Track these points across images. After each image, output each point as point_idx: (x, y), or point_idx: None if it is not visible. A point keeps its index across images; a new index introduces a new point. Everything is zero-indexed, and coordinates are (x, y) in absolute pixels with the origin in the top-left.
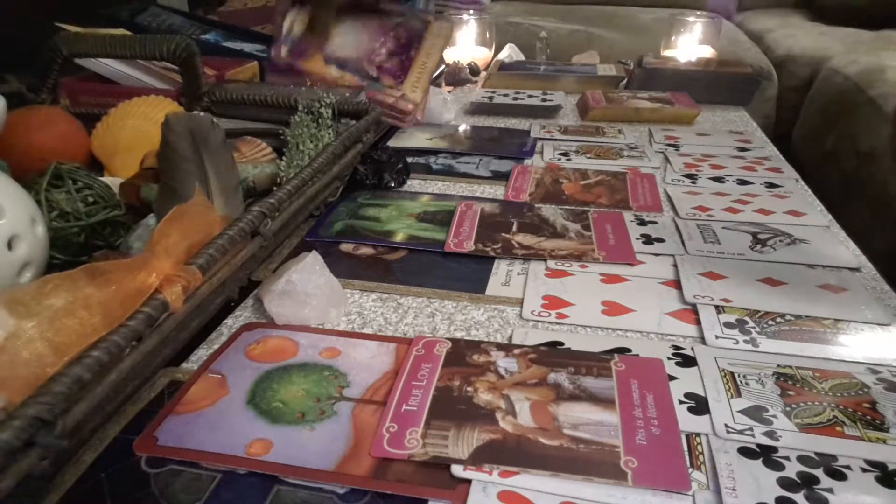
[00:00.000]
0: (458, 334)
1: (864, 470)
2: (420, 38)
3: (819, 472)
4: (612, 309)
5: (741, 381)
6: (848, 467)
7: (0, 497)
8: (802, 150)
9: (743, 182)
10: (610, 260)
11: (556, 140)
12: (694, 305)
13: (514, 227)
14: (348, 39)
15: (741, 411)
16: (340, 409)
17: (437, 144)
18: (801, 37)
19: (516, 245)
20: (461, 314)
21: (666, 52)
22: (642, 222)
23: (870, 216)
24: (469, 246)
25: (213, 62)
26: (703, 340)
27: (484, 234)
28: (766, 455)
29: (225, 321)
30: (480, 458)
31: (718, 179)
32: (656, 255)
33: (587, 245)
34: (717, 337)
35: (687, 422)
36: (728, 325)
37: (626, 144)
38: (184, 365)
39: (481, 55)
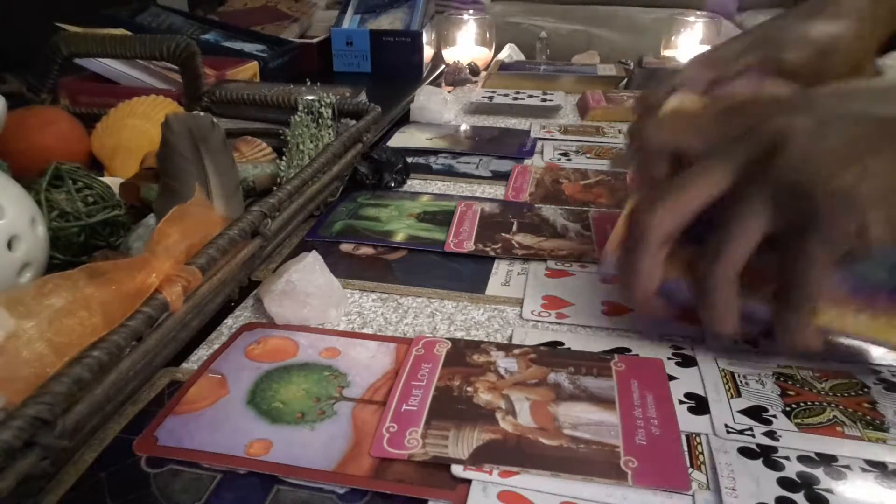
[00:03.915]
0: (458, 334)
1: (864, 470)
2: None
3: (819, 472)
4: (612, 309)
5: (741, 381)
6: (848, 467)
7: (0, 497)
8: None
9: None
10: None
11: (555, 140)
12: None
13: (514, 227)
14: None
15: (741, 411)
16: (340, 409)
17: (437, 144)
18: None
19: (516, 245)
20: (461, 314)
21: (666, 52)
22: None
23: None
24: (469, 246)
25: (213, 62)
26: (702, 340)
27: (484, 234)
28: (766, 455)
29: (225, 321)
30: (480, 458)
31: None
32: None
33: (587, 245)
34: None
35: (687, 422)
36: None
37: (626, 144)
38: (184, 365)
39: (481, 55)
